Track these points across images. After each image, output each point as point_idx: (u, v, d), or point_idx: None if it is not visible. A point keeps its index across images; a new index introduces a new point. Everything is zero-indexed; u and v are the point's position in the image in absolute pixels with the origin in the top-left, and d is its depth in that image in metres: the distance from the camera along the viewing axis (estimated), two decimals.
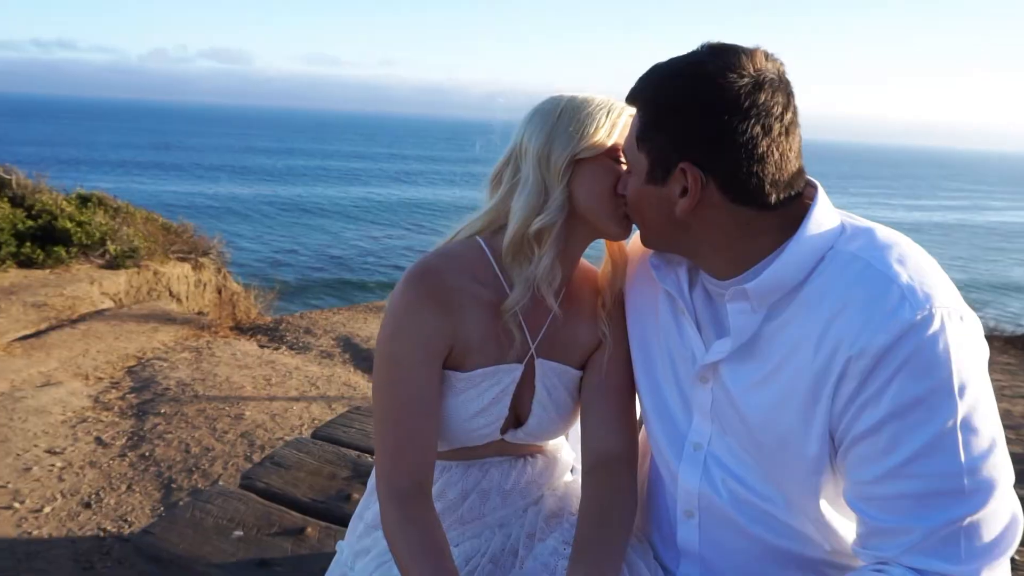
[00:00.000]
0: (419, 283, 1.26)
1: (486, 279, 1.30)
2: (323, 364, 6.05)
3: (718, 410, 1.22)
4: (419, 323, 1.24)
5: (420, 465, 1.26)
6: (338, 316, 7.86)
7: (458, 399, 1.32)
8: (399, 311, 1.26)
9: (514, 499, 1.45)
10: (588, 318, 1.40)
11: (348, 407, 4.85)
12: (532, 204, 1.26)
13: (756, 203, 1.09)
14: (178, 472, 3.71)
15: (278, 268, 17.93)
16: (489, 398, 1.33)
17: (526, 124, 1.31)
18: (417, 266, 1.28)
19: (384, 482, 1.25)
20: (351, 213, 31.57)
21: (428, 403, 1.27)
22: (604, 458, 1.34)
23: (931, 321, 0.97)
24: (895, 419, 0.99)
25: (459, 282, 1.27)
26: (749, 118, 1.04)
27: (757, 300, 1.11)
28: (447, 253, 1.31)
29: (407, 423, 1.25)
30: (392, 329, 1.26)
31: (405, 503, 1.23)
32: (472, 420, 1.34)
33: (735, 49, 1.07)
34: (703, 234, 1.15)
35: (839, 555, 1.20)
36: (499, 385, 1.33)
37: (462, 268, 1.29)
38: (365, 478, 2.20)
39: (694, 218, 1.12)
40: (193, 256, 9.18)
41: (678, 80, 1.09)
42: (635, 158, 1.16)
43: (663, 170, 1.12)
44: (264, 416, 4.50)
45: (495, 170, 1.35)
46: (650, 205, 1.17)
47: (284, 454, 2.30)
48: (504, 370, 1.33)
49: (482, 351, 1.31)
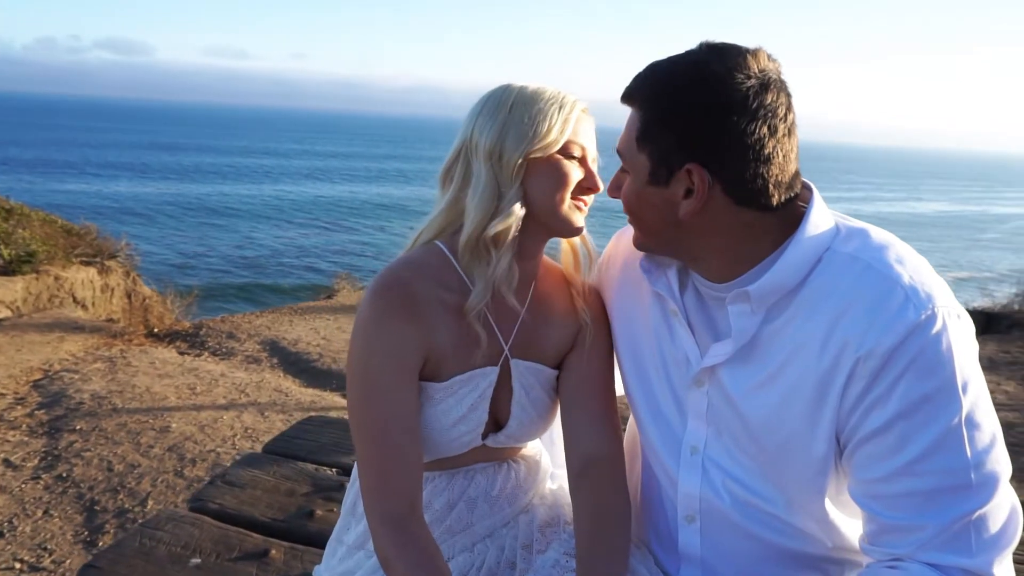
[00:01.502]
0: (385, 295, 1.21)
1: (452, 284, 1.26)
2: (250, 370, 5.80)
3: (715, 413, 1.20)
4: (390, 337, 1.20)
5: (409, 485, 1.20)
6: (261, 319, 7.56)
7: (436, 409, 1.28)
8: (368, 327, 1.20)
9: (501, 506, 1.41)
10: (561, 315, 1.37)
11: (281, 413, 4.66)
12: (486, 205, 1.23)
13: (759, 205, 1.08)
14: (101, 493, 3.44)
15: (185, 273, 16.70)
16: (468, 404, 1.29)
17: (475, 116, 1.27)
18: (381, 278, 1.23)
19: (374, 506, 1.19)
20: (263, 212, 30.17)
21: (409, 419, 1.22)
22: (592, 460, 1.32)
23: (934, 321, 0.99)
24: (903, 418, 1.00)
25: (426, 290, 1.23)
26: (756, 119, 1.03)
27: (758, 302, 1.10)
28: (409, 261, 1.27)
29: (390, 443, 1.19)
30: (362, 346, 1.21)
31: (400, 527, 1.17)
32: (452, 429, 1.29)
33: (738, 49, 1.06)
34: (704, 237, 1.13)
35: (841, 551, 1.20)
36: (476, 390, 1.29)
37: (427, 275, 1.25)
38: (327, 493, 2.08)
39: (697, 220, 1.10)
40: (99, 260, 8.62)
41: (683, 80, 1.06)
42: (634, 158, 1.13)
43: (667, 171, 1.09)
44: (192, 427, 4.24)
45: (445, 165, 1.31)
46: (650, 207, 1.14)
47: (236, 472, 2.15)
48: (480, 374, 1.29)
49: (456, 357, 1.27)
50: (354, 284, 11.96)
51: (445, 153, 1.33)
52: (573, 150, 1.24)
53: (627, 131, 1.15)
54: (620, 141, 1.17)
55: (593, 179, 1.27)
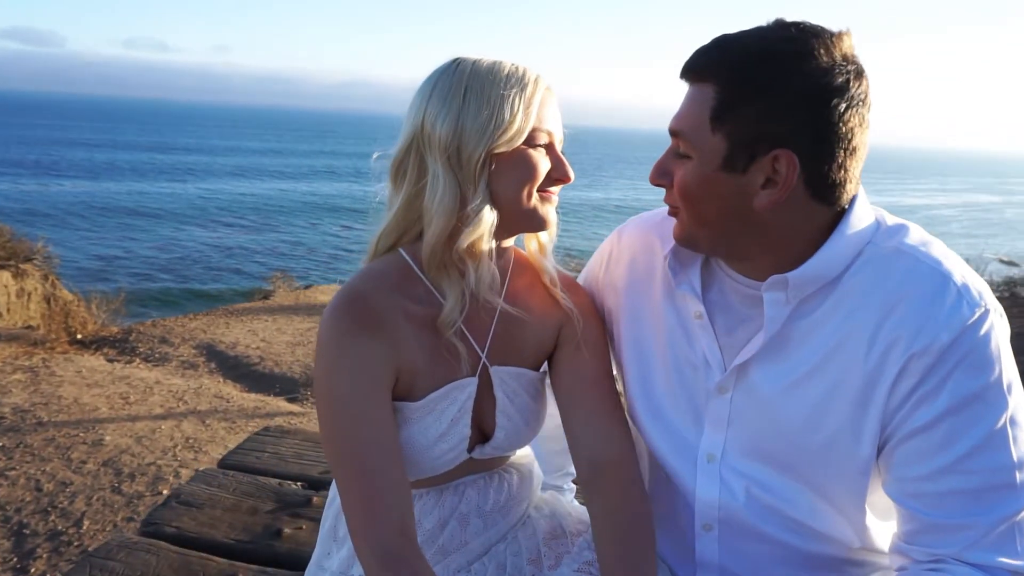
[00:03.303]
0: (348, 312, 1.12)
1: (417, 294, 1.17)
2: (187, 376, 5.52)
3: (739, 417, 1.15)
4: (357, 355, 1.10)
5: (398, 512, 1.09)
6: (196, 323, 7.22)
7: (414, 428, 1.18)
8: (331, 347, 1.11)
9: (496, 520, 1.33)
10: (538, 312, 1.27)
11: (223, 421, 4.43)
12: (448, 210, 1.11)
13: (831, 200, 1.02)
14: (30, 515, 3.18)
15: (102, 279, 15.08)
16: (448, 420, 1.20)
17: (425, 101, 1.13)
18: (342, 294, 1.13)
19: (362, 539, 1.07)
20: (186, 213, 28.33)
21: (388, 440, 1.12)
22: (603, 466, 1.23)
23: (986, 319, 0.99)
24: (952, 415, 0.98)
25: (390, 302, 1.14)
26: (851, 107, 0.96)
27: (795, 290, 1.05)
28: (370, 273, 1.17)
29: (371, 468, 1.09)
30: (328, 368, 1.11)
31: (393, 558, 1.06)
32: (434, 447, 1.20)
33: (827, 30, 0.98)
34: (767, 232, 1.04)
35: (864, 552, 1.17)
36: (455, 404, 1.20)
37: (390, 287, 1.15)
38: (293, 509, 1.95)
39: (768, 214, 1.02)
40: (13, 263, 8.04)
41: (779, 58, 0.96)
42: (703, 140, 1.02)
43: (747, 156, 0.99)
44: (128, 439, 3.99)
45: (396, 159, 1.17)
46: (717, 196, 1.03)
47: (192, 490, 1.99)
48: (458, 387, 1.20)
49: (430, 371, 1.18)
50: (290, 284, 11.59)
51: (380, 149, 1.19)
52: (539, 138, 1.13)
53: (692, 109, 1.03)
54: (679, 120, 1.05)
55: (563, 168, 1.17)
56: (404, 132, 1.16)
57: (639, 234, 1.32)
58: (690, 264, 1.19)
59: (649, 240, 1.29)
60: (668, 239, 1.19)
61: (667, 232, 1.21)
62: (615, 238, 1.37)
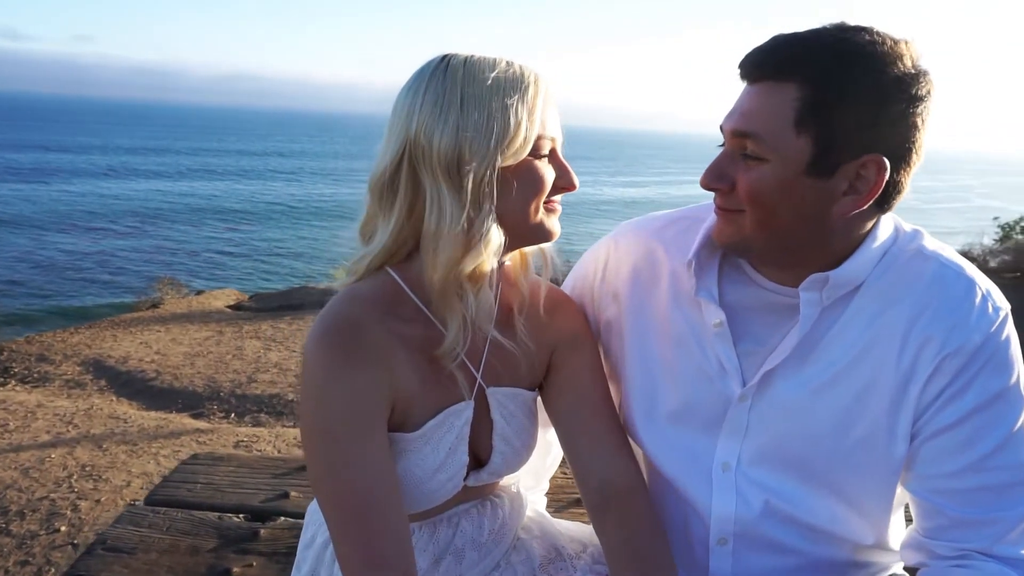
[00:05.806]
0: (336, 339, 1.02)
1: (409, 316, 1.09)
2: (73, 396, 5.03)
3: (758, 425, 1.13)
4: (347, 386, 1.01)
5: (398, 555, 1.00)
6: (78, 337, 6.62)
7: (411, 460, 1.10)
8: (318, 377, 1.01)
9: (490, 549, 1.26)
10: (534, 328, 1.20)
11: (123, 444, 4.06)
12: (455, 235, 1.01)
13: (889, 206, 1.03)
14: None
15: None
16: (445, 449, 1.12)
17: (415, 110, 1.02)
18: (328, 319, 1.03)
19: None
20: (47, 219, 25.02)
21: (387, 477, 1.03)
22: (614, 492, 1.18)
23: (1008, 321, 1.05)
24: (977, 414, 1.02)
25: (381, 326, 1.05)
26: (927, 115, 0.96)
27: (830, 291, 1.05)
28: (357, 295, 1.07)
29: (372, 511, 1.00)
30: (317, 403, 1.02)
31: None
32: (432, 479, 1.12)
33: (891, 35, 0.96)
34: (832, 238, 1.03)
35: (874, 550, 1.19)
36: (452, 431, 1.13)
37: (381, 310, 1.06)
38: (239, 545, 1.77)
39: (841, 221, 1.00)
40: None
41: (865, 61, 0.92)
42: (786, 142, 0.96)
43: (834, 161, 0.95)
44: (12, 472, 3.57)
45: (384, 173, 1.05)
46: (796, 200, 0.98)
47: (118, 534, 1.76)
48: (454, 412, 1.13)
49: (425, 397, 1.10)
50: (179, 289, 10.87)
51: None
52: (543, 147, 1.05)
53: (769, 108, 0.96)
54: (750, 120, 0.98)
55: (568, 176, 1.09)
56: (390, 144, 1.04)
57: (639, 241, 1.27)
58: (709, 271, 1.15)
59: (650, 247, 1.25)
60: (674, 246, 1.18)
61: (670, 239, 1.21)
62: (611, 245, 1.31)
